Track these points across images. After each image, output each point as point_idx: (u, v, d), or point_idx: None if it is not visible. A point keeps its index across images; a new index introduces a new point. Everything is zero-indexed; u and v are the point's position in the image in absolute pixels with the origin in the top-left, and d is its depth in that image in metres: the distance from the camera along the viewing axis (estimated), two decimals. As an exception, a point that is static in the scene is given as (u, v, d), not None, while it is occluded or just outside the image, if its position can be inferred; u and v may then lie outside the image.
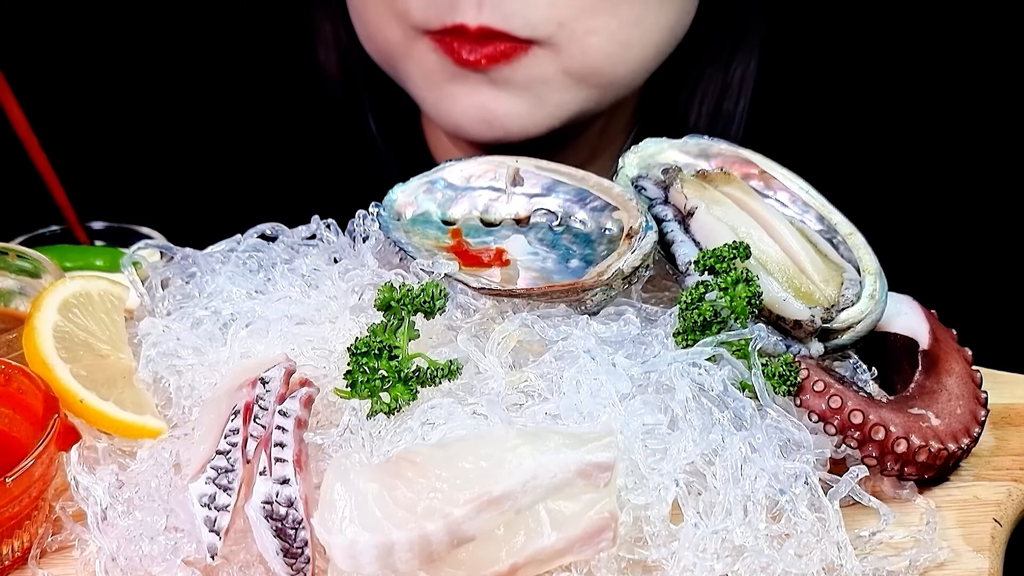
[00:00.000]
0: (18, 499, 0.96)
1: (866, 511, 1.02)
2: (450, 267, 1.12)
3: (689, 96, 1.67)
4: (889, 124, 1.72)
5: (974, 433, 1.08)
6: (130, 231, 1.50)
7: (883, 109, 1.73)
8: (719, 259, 1.09)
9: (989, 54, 1.73)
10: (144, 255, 1.27)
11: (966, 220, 1.69)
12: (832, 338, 1.14)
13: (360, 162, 1.74)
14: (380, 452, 1.00)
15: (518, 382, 1.05)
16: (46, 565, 0.99)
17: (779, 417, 1.02)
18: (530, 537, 0.91)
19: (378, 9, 1.49)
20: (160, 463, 1.02)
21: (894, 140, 1.72)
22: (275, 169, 1.76)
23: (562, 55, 1.44)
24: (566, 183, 1.24)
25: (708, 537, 0.95)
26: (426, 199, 1.23)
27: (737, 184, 1.22)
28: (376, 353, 1.01)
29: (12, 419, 1.04)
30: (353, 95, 1.74)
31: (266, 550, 0.94)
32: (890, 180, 1.70)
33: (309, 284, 1.16)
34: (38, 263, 1.22)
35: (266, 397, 0.98)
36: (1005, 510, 1.06)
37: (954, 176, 1.71)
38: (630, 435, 0.99)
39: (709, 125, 1.66)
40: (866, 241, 1.21)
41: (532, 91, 1.46)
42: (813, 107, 1.72)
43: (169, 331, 1.12)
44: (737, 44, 1.66)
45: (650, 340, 1.08)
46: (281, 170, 1.76)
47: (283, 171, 1.76)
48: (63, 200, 1.48)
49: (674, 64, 1.58)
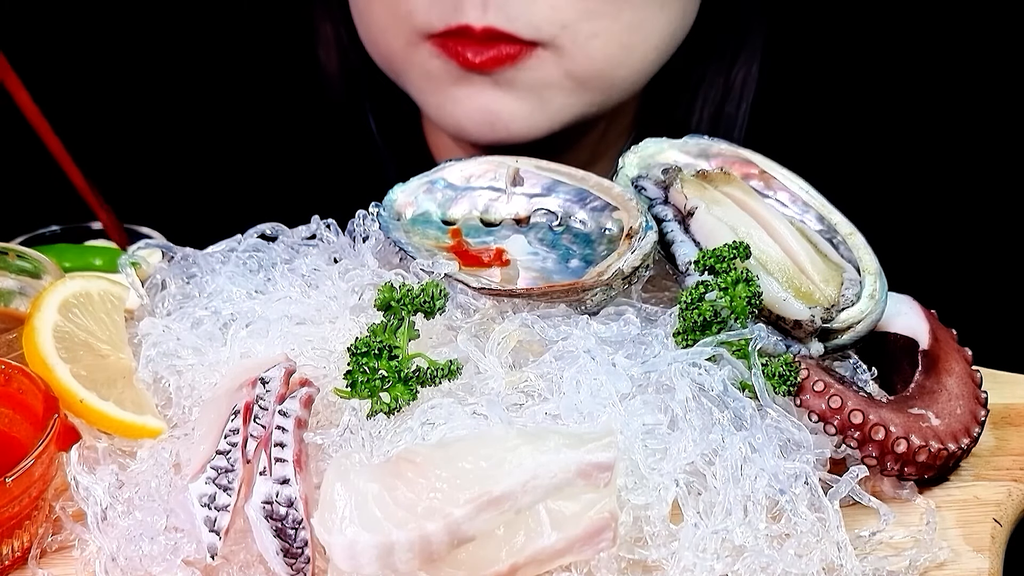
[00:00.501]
0: (18, 499, 0.96)
1: (866, 511, 1.02)
2: (450, 267, 1.12)
3: (691, 99, 1.68)
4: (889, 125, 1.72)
5: (974, 433, 1.08)
6: (130, 231, 1.50)
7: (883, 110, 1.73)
8: (719, 259, 1.09)
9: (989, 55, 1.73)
10: (144, 255, 1.28)
11: (966, 220, 1.69)
12: (832, 338, 1.14)
13: (360, 162, 1.74)
14: (380, 452, 1.00)
15: (518, 382, 1.05)
16: (46, 565, 0.99)
17: (779, 417, 1.02)
18: (530, 537, 0.91)
19: (381, 14, 1.50)
20: (160, 463, 1.02)
21: (894, 141, 1.72)
22: (275, 169, 1.76)
23: (565, 58, 1.44)
24: (566, 183, 1.24)
25: (708, 537, 0.95)
26: (426, 199, 1.23)
27: (737, 184, 1.22)
28: (376, 353, 1.01)
29: (12, 419, 1.04)
30: (354, 95, 1.74)
31: (266, 550, 0.94)
32: (890, 180, 1.70)
33: (309, 284, 1.16)
34: (38, 263, 1.22)
35: (266, 397, 0.98)
36: (1005, 510, 1.06)
37: (954, 176, 1.71)
38: (630, 435, 0.99)
39: (710, 127, 1.66)
40: (866, 241, 1.21)
41: (535, 93, 1.46)
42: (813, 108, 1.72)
43: (169, 331, 1.12)
44: (739, 47, 1.67)
45: (650, 340, 1.08)
46: (281, 170, 1.77)
47: (283, 171, 1.77)
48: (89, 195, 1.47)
49: (675, 67, 1.58)
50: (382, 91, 1.68)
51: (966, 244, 1.68)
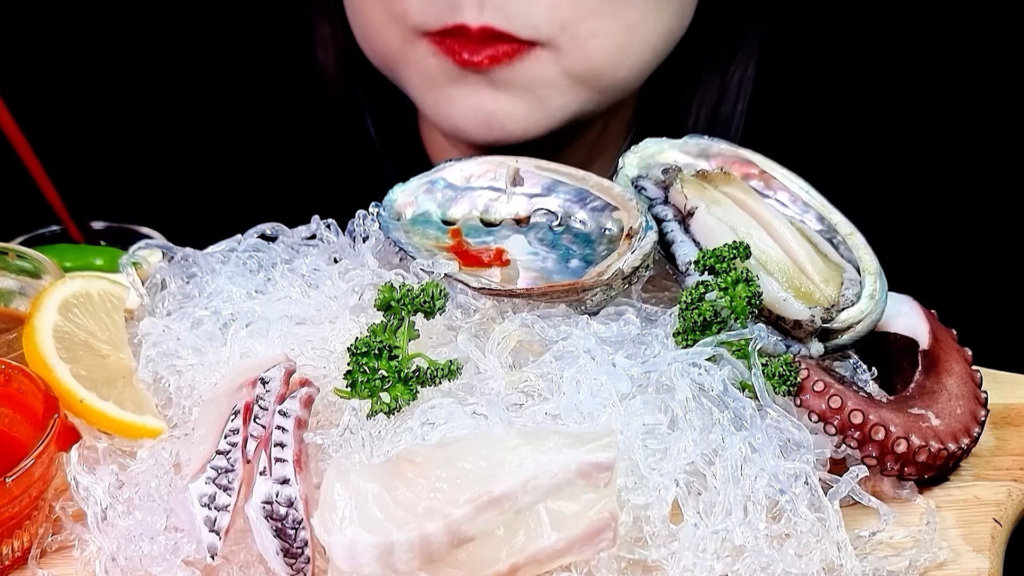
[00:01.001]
0: (18, 499, 0.96)
1: (866, 511, 1.02)
2: (450, 267, 1.12)
3: (688, 98, 1.68)
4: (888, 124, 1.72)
5: (974, 433, 1.08)
6: (130, 231, 1.50)
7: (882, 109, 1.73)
8: (719, 259, 1.09)
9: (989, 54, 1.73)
10: (144, 255, 1.27)
11: (966, 220, 1.69)
12: (832, 338, 1.14)
13: (360, 162, 1.74)
14: (380, 452, 0.99)
15: (518, 382, 1.05)
16: (46, 565, 0.99)
17: (779, 417, 1.02)
18: (530, 537, 0.91)
19: (376, 11, 1.49)
20: (160, 463, 1.02)
21: (893, 140, 1.72)
22: (275, 169, 1.76)
23: (563, 57, 1.44)
24: (566, 183, 1.24)
25: (708, 537, 0.95)
26: (426, 199, 1.23)
27: (737, 184, 1.22)
28: (376, 353, 1.01)
29: (12, 419, 1.04)
30: (351, 95, 1.74)
31: (266, 550, 0.94)
32: (890, 180, 1.70)
33: (309, 284, 1.16)
34: (38, 263, 1.22)
35: (266, 397, 0.98)
36: (1005, 510, 1.06)
37: (954, 176, 1.71)
38: (630, 435, 0.99)
39: (708, 127, 1.66)
40: (866, 241, 1.21)
41: (532, 92, 1.46)
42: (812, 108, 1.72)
43: (169, 331, 1.12)
44: (736, 46, 1.67)
45: (650, 340, 1.08)
46: (281, 170, 1.76)
47: (283, 171, 1.76)
48: (54, 198, 1.48)
49: (673, 66, 1.58)
50: (379, 91, 1.68)
51: (966, 244, 1.68)
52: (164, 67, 1.79)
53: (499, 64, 1.43)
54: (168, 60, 1.79)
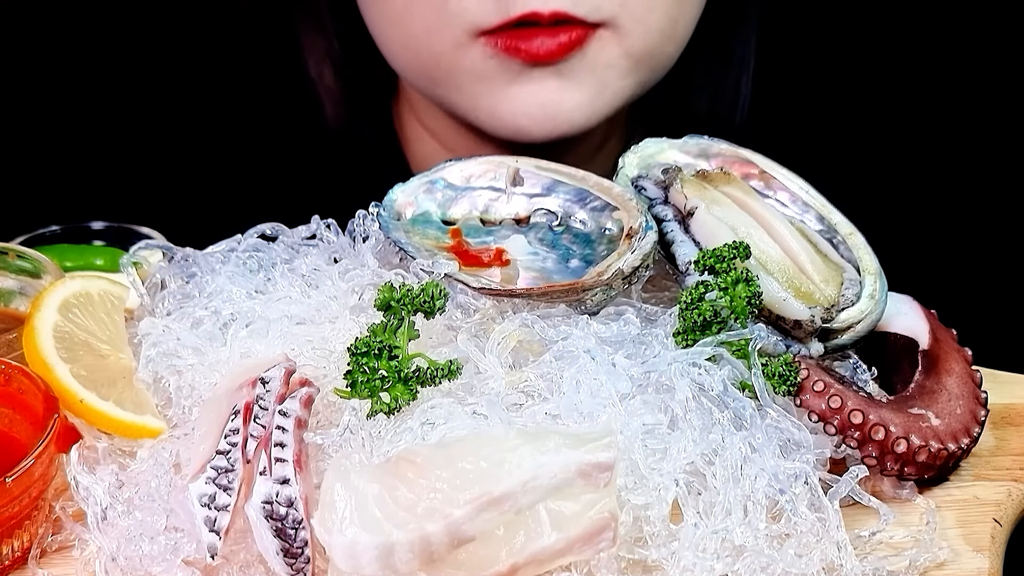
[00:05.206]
0: (18, 499, 0.96)
1: (866, 511, 1.02)
2: (450, 267, 1.12)
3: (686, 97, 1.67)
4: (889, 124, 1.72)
5: (974, 433, 1.08)
6: (130, 231, 1.50)
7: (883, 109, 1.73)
8: (719, 259, 1.09)
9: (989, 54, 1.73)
10: (144, 255, 1.27)
11: (966, 220, 1.69)
12: (832, 338, 1.14)
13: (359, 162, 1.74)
14: (380, 452, 0.99)
15: (518, 382, 1.05)
16: (46, 565, 0.99)
17: (779, 417, 1.02)
18: (530, 537, 0.91)
19: (424, 17, 1.45)
20: (160, 463, 1.02)
21: (894, 140, 1.72)
22: (275, 169, 1.76)
23: (624, 36, 1.42)
24: (566, 183, 1.24)
25: (708, 537, 0.95)
26: (426, 199, 1.23)
27: (737, 184, 1.22)
28: (376, 353, 1.01)
29: (12, 419, 1.04)
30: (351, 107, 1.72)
31: (266, 550, 0.94)
32: (890, 180, 1.70)
33: (309, 284, 1.16)
34: (38, 263, 1.22)
35: (266, 397, 0.98)
36: (1005, 510, 1.06)
37: (954, 176, 1.71)
38: (630, 435, 0.99)
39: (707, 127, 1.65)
40: (866, 241, 1.21)
41: (596, 78, 1.44)
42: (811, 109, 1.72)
43: (169, 331, 1.12)
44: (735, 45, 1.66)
45: (650, 340, 1.08)
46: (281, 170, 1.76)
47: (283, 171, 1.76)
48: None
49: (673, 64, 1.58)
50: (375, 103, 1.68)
51: (966, 244, 1.68)
52: (164, 67, 1.79)
53: (571, 52, 1.40)
54: (169, 59, 1.79)
